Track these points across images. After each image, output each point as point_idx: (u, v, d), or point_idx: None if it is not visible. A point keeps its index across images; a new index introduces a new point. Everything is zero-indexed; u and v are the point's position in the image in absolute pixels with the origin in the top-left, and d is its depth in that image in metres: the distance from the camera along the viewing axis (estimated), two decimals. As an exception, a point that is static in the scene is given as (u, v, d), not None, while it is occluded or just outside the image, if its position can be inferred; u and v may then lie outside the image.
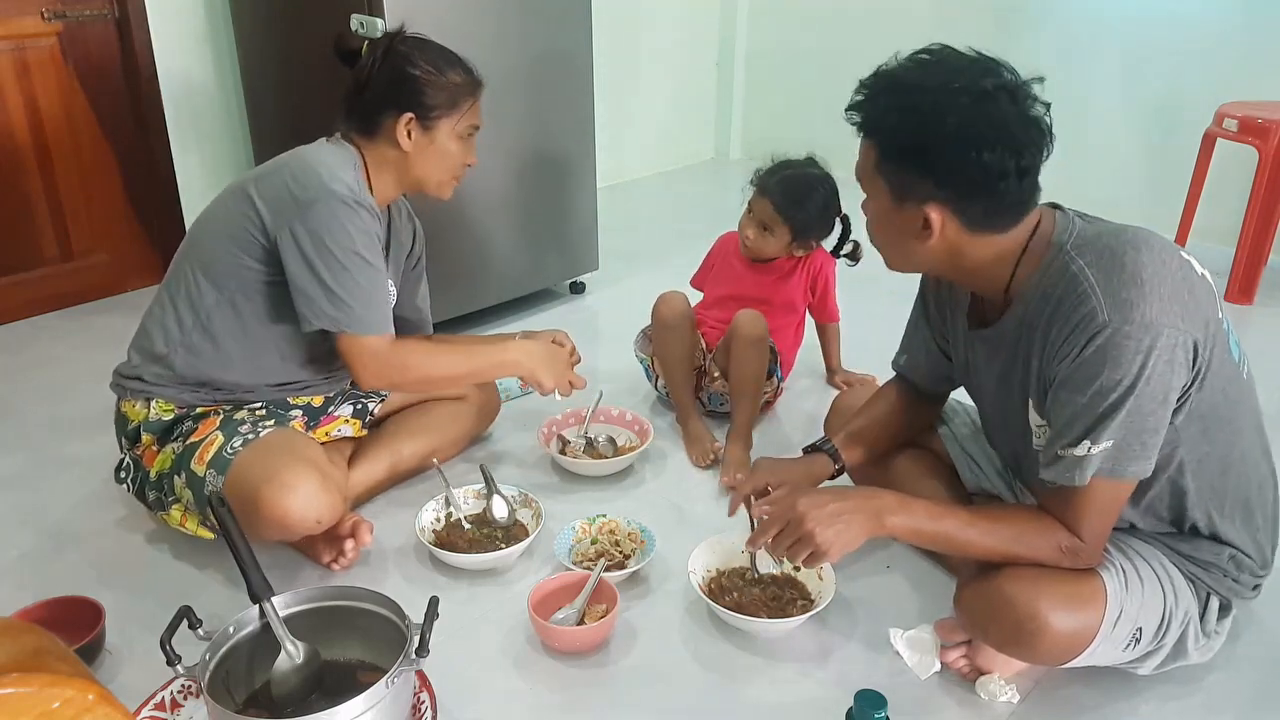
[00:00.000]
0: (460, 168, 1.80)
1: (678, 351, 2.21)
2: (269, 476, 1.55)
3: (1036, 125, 1.22)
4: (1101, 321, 1.17)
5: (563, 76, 2.82)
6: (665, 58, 4.52)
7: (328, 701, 1.21)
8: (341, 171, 1.64)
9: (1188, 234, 3.23)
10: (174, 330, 1.69)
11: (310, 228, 1.59)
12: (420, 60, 1.70)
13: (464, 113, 1.75)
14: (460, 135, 1.76)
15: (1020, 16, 3.86)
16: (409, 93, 1.69)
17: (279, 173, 1.64)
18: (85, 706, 0.90)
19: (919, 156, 1.22)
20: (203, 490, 1.60)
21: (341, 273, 1.61)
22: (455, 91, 1.73)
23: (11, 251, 2.82)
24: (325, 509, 1.59)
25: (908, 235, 1.29)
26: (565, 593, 1.59)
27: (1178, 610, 1.34)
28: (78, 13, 2.76)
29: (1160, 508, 1.35)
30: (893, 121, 1.23)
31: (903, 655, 1.48)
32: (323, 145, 1.73)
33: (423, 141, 1.73)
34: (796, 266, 2.29)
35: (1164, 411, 1.20)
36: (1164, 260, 1.19)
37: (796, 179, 2.18)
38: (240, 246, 1.64)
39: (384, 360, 1.69)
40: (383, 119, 1.71)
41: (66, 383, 2.46)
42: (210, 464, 1.61)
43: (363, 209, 1.63)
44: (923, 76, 1.23)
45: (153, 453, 1.71)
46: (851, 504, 1.34)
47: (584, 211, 3.06)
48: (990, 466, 1.67)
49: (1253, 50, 3.31)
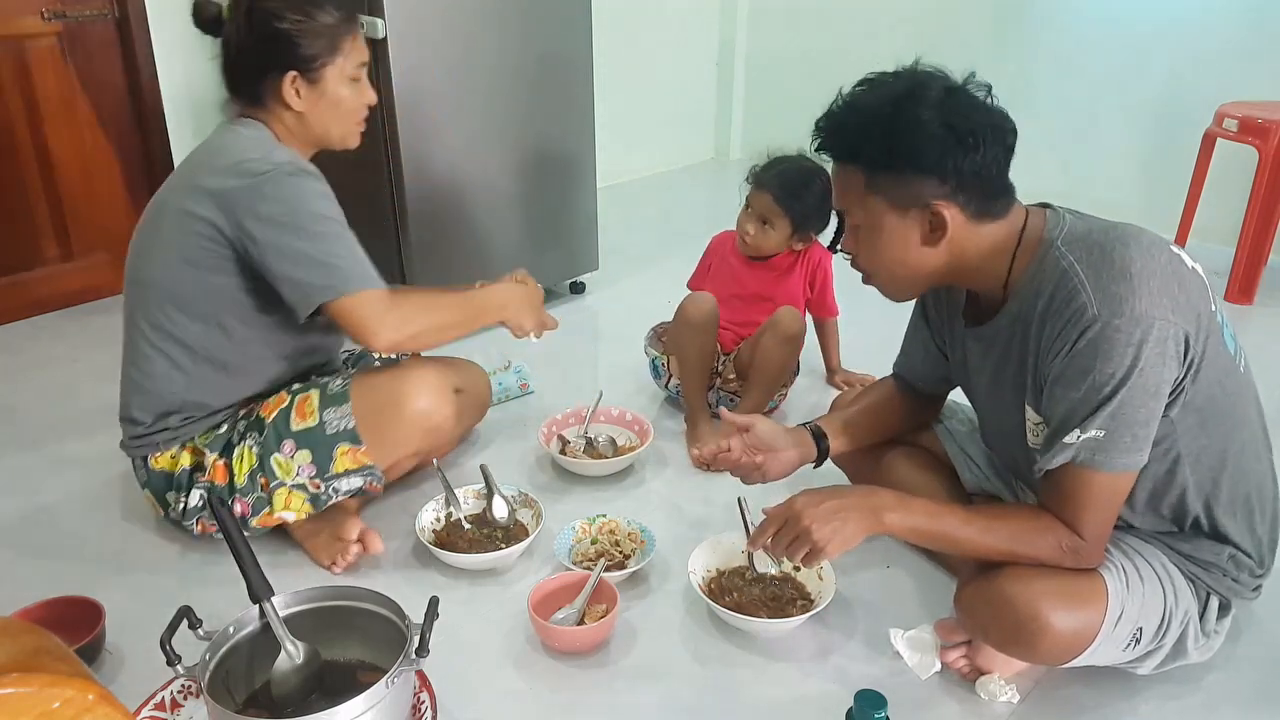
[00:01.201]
0: (361, 110, 1.71)
1: (698, 352, 2.20)
2: (401, 381, 1.70)
3: (998, 109, 1.26)
4: (1092, 316, 1.18)
5: (563, 76, 2.82)
6: (665, 58, 4.52)
7: (328, 701, 1.21)
8: (267, 147, 1.60)
9: (1188, 234, 3.23)
10: (176, 376, 1.65)
11: (269, 212, 1.53)
12: (285, 11, 1.59)
13: (347, 53, 1.65)
14: (351, 77, 1.67)
15: (1020, 17, 3.87)
16: (284, 49, 1.60)
17: (207, 175, 1.58)
18: (85, 706, 0.90)
19: (915, 158, 1.23)
20: (325, 434, 1.67)
21: (319, 239, 1.56)
22: (332, 33, 1.62)
23: (11, 251, 2.82)
24: (450, 409, 1.76)
25: (915, 244, 1.30)
26: (565, 593, 1.59)
27: (1178, 610, 1.34)
28: (78, 13, 2.76)
29: (1160, 504, 1.35)
30: (876, 136, 1.24)
31: (903, 655, 1.48)
32: (231, 130, 1.65)
33: (313, 96, 1.64)
34: (795, 262, 2.30)
35: (1156, 404, 1.20)
36: (1153, 254, 1.21)
37: (793, 171, 2.19)
38: (203, 267, 1.59)
39: (389, 312, 1.60)
40: (266, 85, 1.62)
41: (66, 383, 2.46)
42: (321, 407, 1.68)
43: (308, 174, 1.59)
44: (881, 93, 1.25)
45: (222, 466, 1.68)
46: (849, 502, 1.34)
47: (584, 211, 3.06)
48: (990, 466, 1.67)
49: (1253, 50, 3.31)
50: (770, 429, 1.60)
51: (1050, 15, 3.79)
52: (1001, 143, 1.24)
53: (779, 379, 2.20)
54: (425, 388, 1.71)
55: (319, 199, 1.58)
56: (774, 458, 1.58)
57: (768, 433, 1.59)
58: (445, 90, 2.55)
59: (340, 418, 1.67)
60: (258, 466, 1.66)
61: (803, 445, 1.62)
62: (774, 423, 1.63)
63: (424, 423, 1.71)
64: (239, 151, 1.58)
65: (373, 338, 1.60)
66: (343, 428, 1.67)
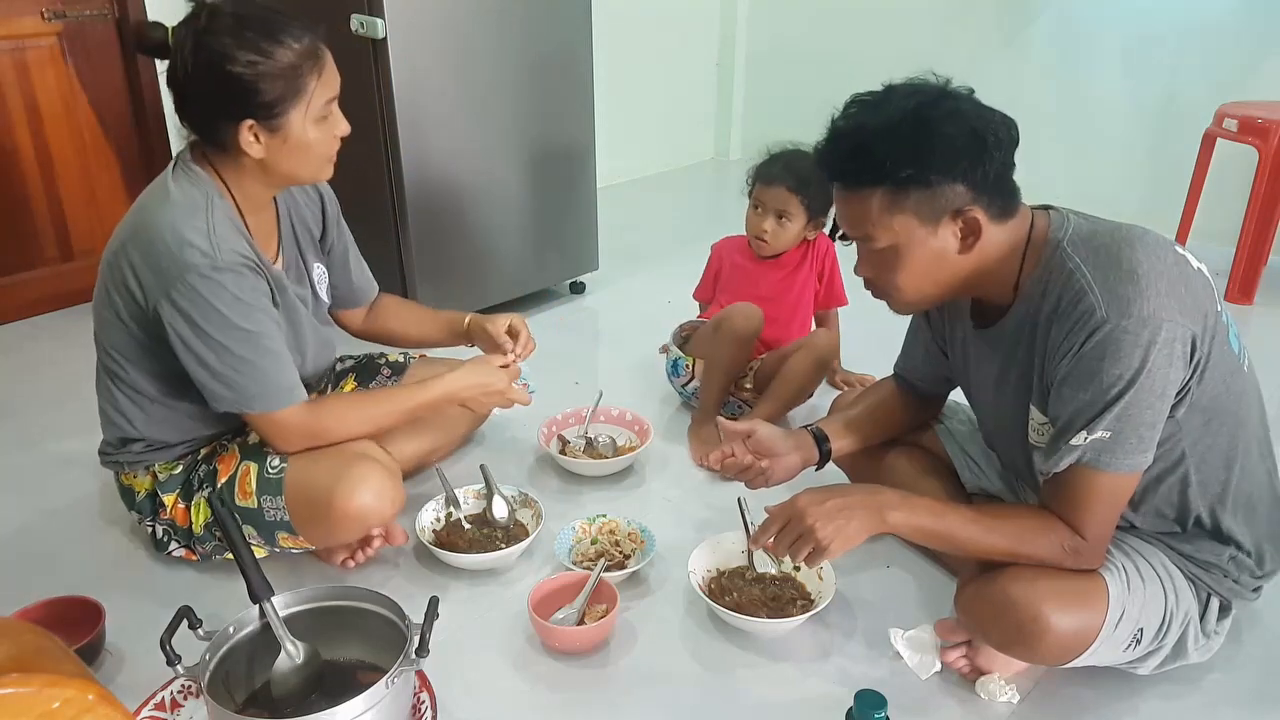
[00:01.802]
0: (331, 146, 1.54)
1: (732, 362, 2.19)
2: (334, 480, 1.54)
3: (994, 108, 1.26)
4: (1100, 318, 1.17)
5: (563, 76, 2.82)
6: (665, 58, 4.52)
7: (328, 701, 1.21)
8: (189, 228, 1.43)
9: (1188, 234, 3.23)
10: (134, 411, 1.61)
11: (180, 309, 1.43)
12: (237, 51, 1.39)
13: (312, 92, 1.46)
14: (318, 118, 1.48)
15: (1020, 16, 3.87)
16: (238, 96, 1.41)
17: (133, 247, 1.47)
18: (85, 706, 0.89)
19: (948, 168, 1.21)
20: (264, 519, 1.60)
21: (222, 353, 1.46)
22: (293, 74, 1.43)
23: (11, 251, 2.82)
24: (398, 495, 1.62)
25: (948, 255, 1.28)
26: (565, 593, 1.59)
27: (1178, 611, 1.34)
28: (78, 13, 2.76)
29: (1163, 504, 1.35)
30: (903, 153, 1.21)
31: (903, 655, 1.48)
32: (166, 188, 1.49)
33: (275, 143, 1.47)
34: (805, 256, 2.29)
35: (1162, 405, 1.20)
36: (1159, 255, 1.21)
37: (798, 158, 2.19)
38: (137, 324, 1.52)
39: (299, 431, 1.56)
40: (221, 130, 1.46)
41: (66, 383, 2.45)
42: (258, 492, 1.59)
43: (225, 272, 1.43)
44: (887, 110, 1.23)
45: (183, 509, 1.65)
46: (852, 500, 1.34)
47: (584, 211, 3.06)
48: (990, 466, 1.67)
49: (1253, 50, 3.31)
50: (771, 433, 1.60)
51: (1050, 15, 3.79)
52: (1013, 139, 1.25)
53: (799, 397, 2.20)
54: (364, 487, 1.55)
55: (233, 305, 1.45)
56: (777, 462, 1.58)
57: (769, 437, 1.59)
58: (445, 90, 2.55)
59: (275, 508, 1.59)
60: (214, 521, 1.63)
61: (805, 449, 1.61)
62: (775, 427, 1.62)
63: (360, 523, 1.59)
64: (161, 229, 1.44)
65: (281, 447, 1.59)
66: (279, 519, 1.60)
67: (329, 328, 1.83)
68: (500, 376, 1.75)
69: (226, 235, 1.47)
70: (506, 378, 1.76)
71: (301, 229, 1.74)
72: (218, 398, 1.50)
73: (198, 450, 1.69)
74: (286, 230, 1.70)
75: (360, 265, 1.90)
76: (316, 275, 1.77)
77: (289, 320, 1.64)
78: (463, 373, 1.72)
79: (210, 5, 1.43)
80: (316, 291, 1.77)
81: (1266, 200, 2.92)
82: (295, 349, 1.65)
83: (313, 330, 1.73)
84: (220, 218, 1.48)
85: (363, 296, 1.92)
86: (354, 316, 1.94)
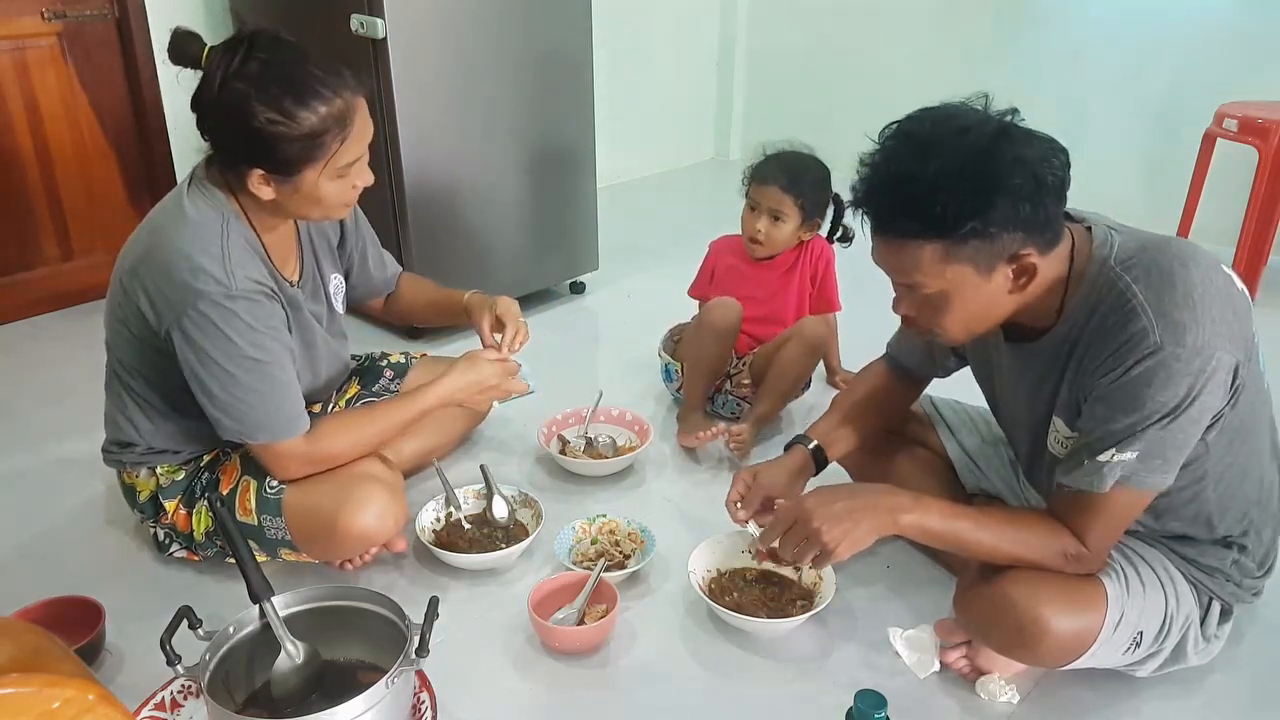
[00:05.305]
0: (348, 195, 1.51)
1: (713, 357, 2.20)
2: (337, 502, 1.54)
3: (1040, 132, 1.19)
4: (1153, 343, 1.14)
5: (563, 76, 2.82)
6: (665, 58, 4.52)
7: (328, 701, 1.21)
8: (204, 254, 1.41)
9: (1188, 234, 3.22)
10: (140, 419, 1.61)
11: (190, 337, 1.43)
12: (258, 107, 1.35)
13: (332, 154, 1.42)
14: (338, 175, 1.46)
15: (1020, 17, 3.86)
16: (254, 148, 1.39)
17: (146, 270, 1.46)
18: (85, 706, 0.90)
19: (1011, 221, 1.14)
20: (265, 536, 1.60)
21: (231, 383, 1.45)
22: (312, 139, 1.39)
23: (11, 251, 2.82)
24: (400, 513, 1.62)
25: (1001, 296, 1.22)
26: (565, 593, 1.59)
27: (1179, 614, 1.34)
28: (78, 13, 2.76)
29: (1175, 515, 1.34)
30: (962, 208, 1.13)
31: (902, 655, 1.48)
32: (182, 207, 1.46)
33: (286, 190, 1.45)
34: (799, 257, 2.29)
35: (1196, 430, 1.19)
36: (1211, 278, 1.17)
37: (792, 158, 2.19)
38: (148, 344, 1.52)
39: (299, 460, 1.55)
40: (235, 167, 1.44)
41: (66, 383, 2.46)
42: (258, 510, 1.59)
43: (239, 300, 1.43)
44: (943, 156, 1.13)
45: (185, 515, 1.65)
46: (862, 502, 1.32)
47: (584, 211, 3.06)
48: (991, 468, 1.67)
49: (1253, 50, 3.31)
50: (771, 479, 1.57)
51: (1050, 14, 3.79)
52: (1068, 172, 1.17)
53: (795, 388, 2.20)
54: (368, 509, 1.55)
55: (245, 333, 1.44)
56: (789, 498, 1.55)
57: (770, 483, 1.57)
58: (445, 90, 2.55)
59: (276, 527, 1.60)
60: (215, 530, 1.63)
61: (804, 472, 1.61)
62: (771, 469, 1.59)
63: (363, 543, 1.60)
64: (174, 254, 1.42)
65: (281, 476, 1.59)
66: (280, 537, 1.60)
67: (342, 340, 1.83)
68: (493, 371, 1.73)
69: (242, 261, 1.46)
70: (500, 371, 1.73)
71: (320, 239, 1.74)
72: (222, 427, 1.51)
73: (200, 457, 1.69)
74: (305, 243, 1.70)
75: (380, 258, 1.92)
76: (333, 287, 1.78)
77: (303, 341, 1.65)
78: (454, 375, 1.71)
79: (251, 37, 1.39)
80: (332, 304, 1.78)
81: (1266, 200, 2.92)
82: (309, 369, 1.67)
83: (326, 346, 1.74)
84: (236, 241, 1.47)
85: (385, 288, 1.94)
86: (377, 301, 1.98)
